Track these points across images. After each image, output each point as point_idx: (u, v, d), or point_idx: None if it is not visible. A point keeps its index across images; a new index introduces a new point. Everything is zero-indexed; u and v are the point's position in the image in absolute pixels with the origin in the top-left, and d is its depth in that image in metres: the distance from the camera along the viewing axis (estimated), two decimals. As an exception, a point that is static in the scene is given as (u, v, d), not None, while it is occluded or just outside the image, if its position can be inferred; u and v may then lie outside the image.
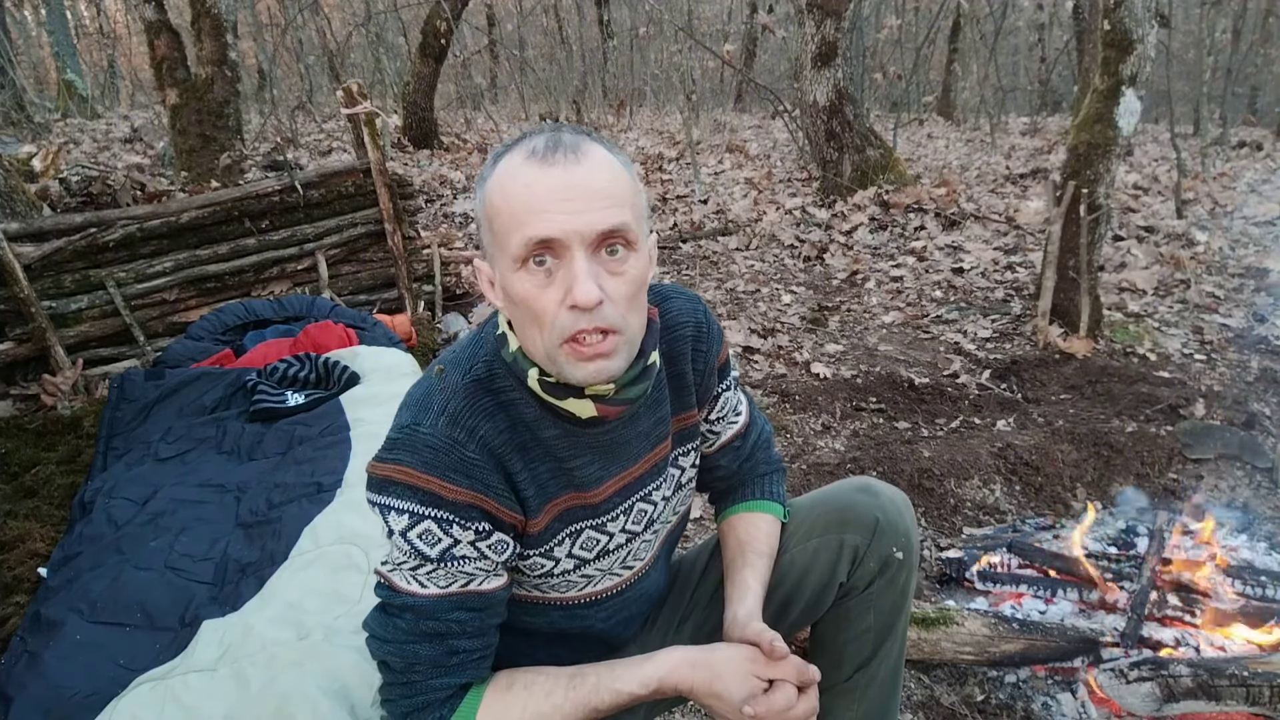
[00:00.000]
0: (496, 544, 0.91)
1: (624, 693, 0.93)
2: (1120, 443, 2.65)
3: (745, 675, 0.93)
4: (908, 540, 1.13)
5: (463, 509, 0.87)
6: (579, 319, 0.82)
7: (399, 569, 0.90)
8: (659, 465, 1.06)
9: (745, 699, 0.92)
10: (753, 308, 4.31)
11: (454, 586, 0.89)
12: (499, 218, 0.84)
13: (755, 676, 0.94)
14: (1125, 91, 3.36)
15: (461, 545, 0.88)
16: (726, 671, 0.94)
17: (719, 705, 0.94)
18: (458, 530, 0.87)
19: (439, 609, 0.89)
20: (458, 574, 0.89)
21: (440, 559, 0.88)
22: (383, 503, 0.88)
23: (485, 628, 0.93)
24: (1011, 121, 12.06)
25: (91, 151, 7.78)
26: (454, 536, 0.87)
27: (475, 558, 0.89)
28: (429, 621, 0.89)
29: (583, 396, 0.90)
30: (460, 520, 0.87)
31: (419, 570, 0.89)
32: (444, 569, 0.88)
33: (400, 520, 0.87)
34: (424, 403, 0.90)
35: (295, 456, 2.44)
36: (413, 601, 0.89)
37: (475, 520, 0.88)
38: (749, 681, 0.93)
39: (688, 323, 1.06)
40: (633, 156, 8.70)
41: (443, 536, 0.87)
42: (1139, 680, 1.54)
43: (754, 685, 0.93)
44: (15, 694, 1.60)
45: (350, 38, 11.32)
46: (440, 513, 0.86)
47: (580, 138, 0.85)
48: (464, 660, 0.91)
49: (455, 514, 0.87)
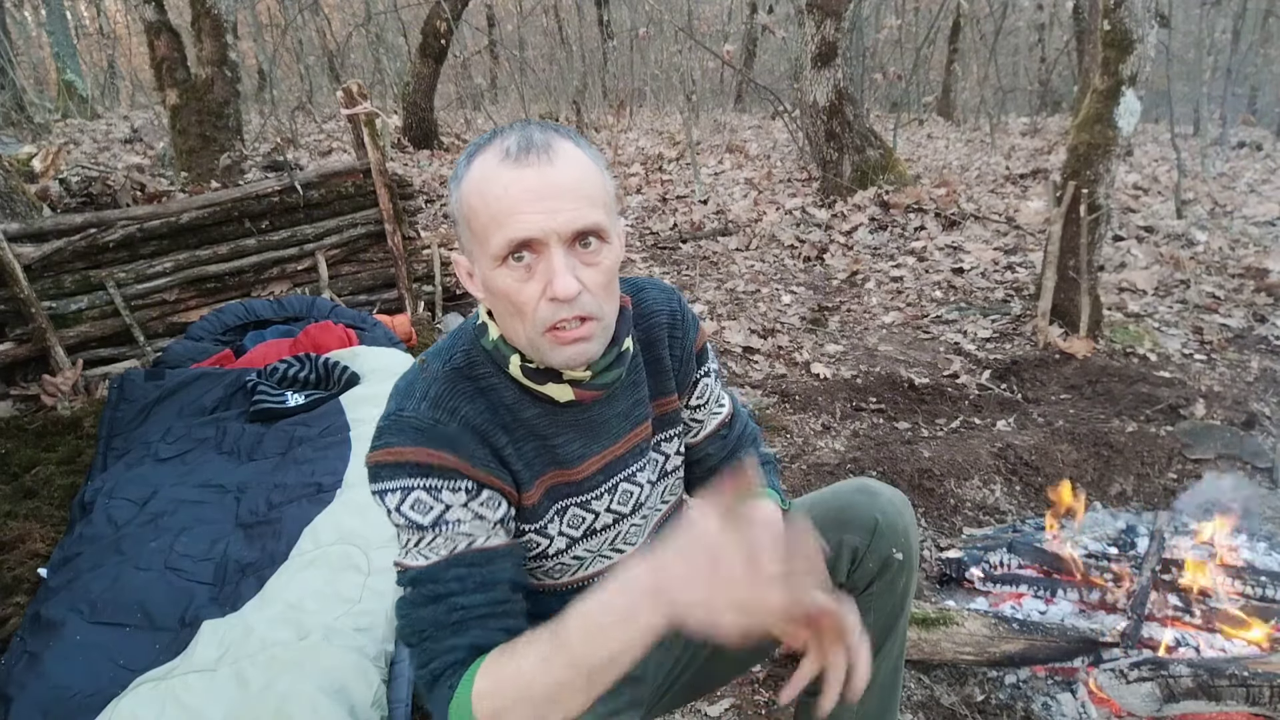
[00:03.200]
0: (488, 500, 0.93)
1: (601, 625, 0.78)
2: (1120, 443, 2.65)
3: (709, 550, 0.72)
4: (907, 541, 1.13)
5: (449, 473, 0.90)
6: (559, 309, 0.87)
7: (405, 550, 0.92)
8: (640, 447, 1.08)
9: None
10: (753, 308, 4.31)
11: (455, 550, 0.91)
12: (477, 219, 0.88)
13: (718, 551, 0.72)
14: (1125, 91, 3.36)
15: (454, 509, 0.90)
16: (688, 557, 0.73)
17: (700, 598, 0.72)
18: (447, 494, 0.90)
19: (438, 572, 0.90)
20: (455, 537, 0.90)
21: (434, 525, 0.90)
22: (379, 489, 0.91)
23: (486, 583, 0.91)
24: (1011, 122, 12.05)
25: (91, 152, 7.79)
26: (444, 501, 0.90)
27: (469, 519, 0.91)
28: (430, 585, 0.90)
29: (561, 381, 0.95)
30: (449, 484, 0.90)
31: (420, 544, 0.91)
32: (441, 535, 0.90)
33: (394, 498, 0.90)
34: (407, 391, 0.95)
35: (295, 457, 2.44)
36: (416, 573, 0.91)
37: (462, 480, 0.91)
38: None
39: (663, 310, 1.09)
40: (632, 156, 8.70)
41: (433, 503, 0.89)
42: (1139, 680, 1.54)
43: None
44: (15, 694, 1.60)
45: (350, 38, 11.32)
46: (428, 480, 0.89)
47: (550, 134, 0.89)
48: (465, 617, 0.89)
49: (443, 478, 0.90)
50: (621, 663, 0.78)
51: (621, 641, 0.77)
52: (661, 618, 0.74)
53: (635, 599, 0.76)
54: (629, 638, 0.76)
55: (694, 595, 0.72)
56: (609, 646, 0.77)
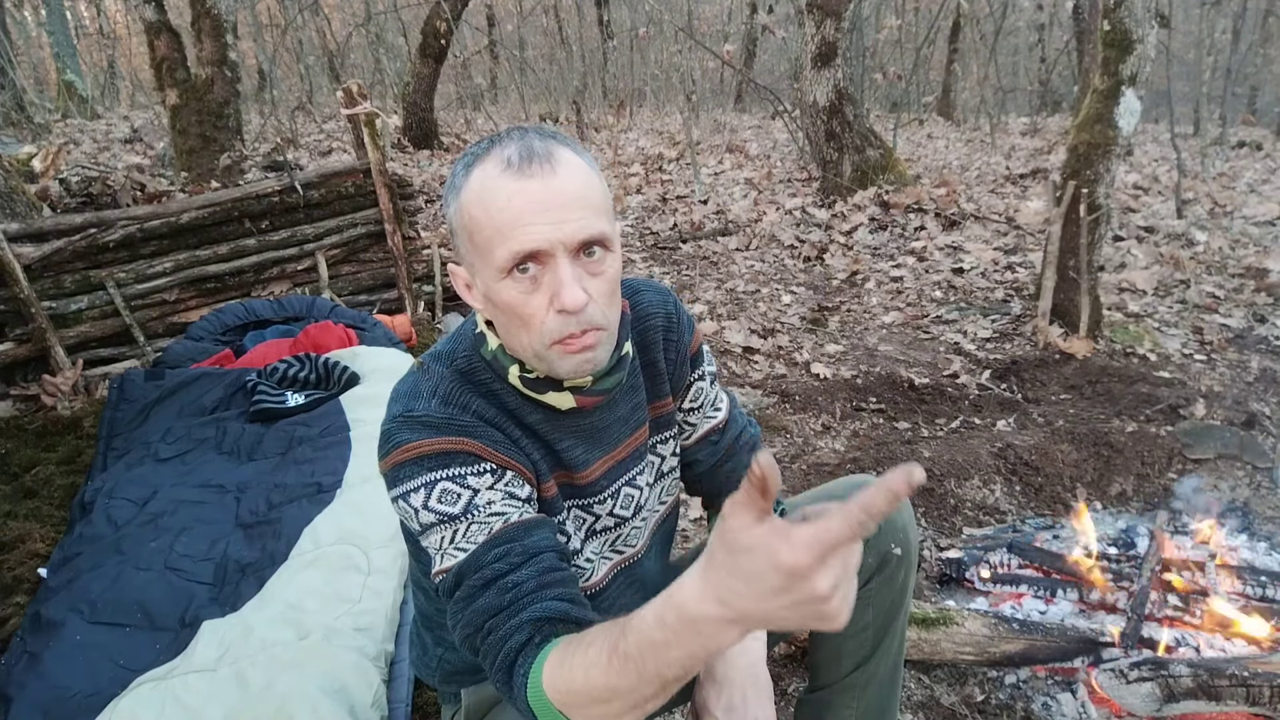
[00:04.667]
0: (513, 480, 0.91)
1: (654, 640, 0.71)
2: (1120, 443, 2.65)
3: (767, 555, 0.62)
4: (905, 537, 1.13)
5: (472, 458, 0.88)
6: (567, 322, 0.86)
7: (441, 553, 0.88)
8: (639, 450, 1.08)
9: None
10: (753, 308, 4.31)
11: (491, 531, 0.87)
12: (481, 231, 0.86)
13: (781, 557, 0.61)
14: (1125, 91, 3.36)
15: (482, 492, 0.88)
16: (744, 564, 0.63)
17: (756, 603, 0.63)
18: (473, 479, 0.88)
19: (480, 558, 0.86)
20: (489, 519, 0.87)
21: (466, 512, 0.87)
22: (402, 491, 0.88)
23: (531, 553, 0.87)
24: (1011, 122, 12.06)
25: (91, 152, 7.79)
26: (472, 487, 0.88)
27: (500, 499, 0.89)
28: (475, 574, 0.86)
29: (562, 389, 0.94)
30: (473, 469, 0.88)
31: (456, 537, 0.87)
32: (475, 521, 0.87)
33: (419, 496, 0.87)
34: (412, 392, 0.92)
35: (295, 457, 2.44)
36: (459, 567, 0.87)
37: (485, 463, 0.89)
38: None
39: (658, 313, 1.09)
40: (632, 156, 8.70)
41: (461, 490, 0.87)
42: (1139, 680, 1.54)
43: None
44: (15, 694, 1.60)
45: (350, 38, 11.32)
46: (451, 469, 0.87)
47: (549, 143, 0.87)
48: (519, 593, 0.84)
49: (466, 465, 0.88)
50: (696, 668, 0.71)
51: (697, 658, 0.69)
52: (743, 630, 0.66)
53: (707, 628, 0.65)
54: (706, 654, 0.69)
55: (782, 604, 0.61)
56: (685, 664, 0.70)
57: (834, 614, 0.61)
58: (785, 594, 0.60)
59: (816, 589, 0.59)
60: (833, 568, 0.59)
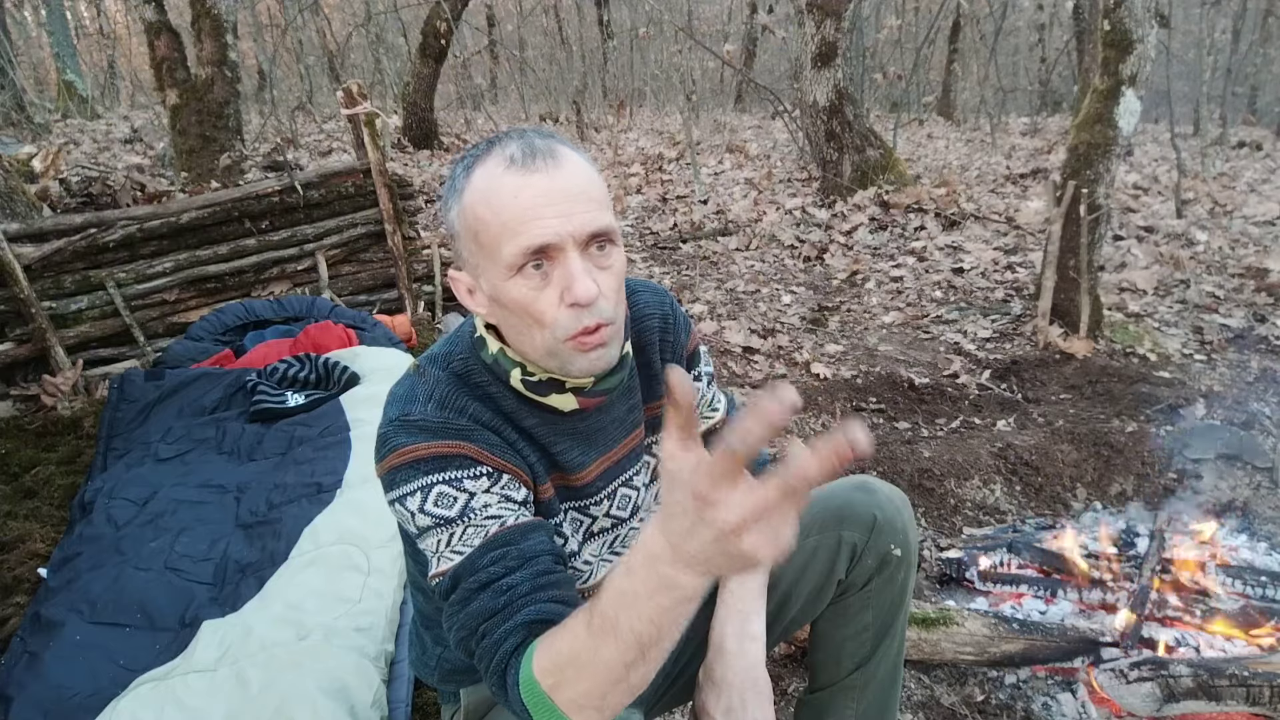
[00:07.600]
0: (509, 483, 0.91)
1: (624, 590, 0.72)
2: (1120, 443, 2.65)
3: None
4: (906, 537, 1.13)
5: (468, 462, 0.88)
6: (580, 316, 0.85)
7: (438, 556, 0.88)
8: (635, 451, 1.08)
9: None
10: (753, 308, 4.31)
11: (488, 535, 0.87)
12: (487, 230, 0.85)
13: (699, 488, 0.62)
14: (1125, 91, 3.36)
15: (478, 496, 0.88)
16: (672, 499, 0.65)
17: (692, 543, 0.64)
18: (469, 483, 0.88)
19: (476, 561, 0.86)
20: (485, 523, 0.87)
21: (462, 515, 0.87)
22: (398, 495, 0.88)
23: (526, 557, 0.87)
24: (1011, 121, 12.05)
25: (91, 152, 7.79)
26: (468, 490, 0.88)
27: (496, 502, 0.89)
28: (470, 577, 0.86)
29: (564, 391, 0.94)
30: (469, 473, 0.88)
31: (452, 540, 0.87)
32: (471, 525, 0.87)
33: (415, 499, 0.87)
34: (409, 396, 0.92)
35: (295, 457, 2.44)
36: (455, 570, 0.87)
37: (480, 466, 0.89)
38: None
39: (655, 314, 1.08)
40: (633, 156, 8.70)
41: (457, 494, 0.87)
42: (1139, 680, 1.54)
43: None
44: (15, 694, 1.60)
45: (350, 38, 11.32)
46: (447, 473, 0.87)
47: (550, 141, 0.87)
48: (513, 597, 0.84)
49: (462, 469, 0.88)
50: (672, 631, 0.72)
51: (665, 609, 0.70)
52: (695, 575, 0.66)
53: (663, 569, 0.67)
54: (672, 604, 0.69)
55: (705, 539, 0.62)
56: (656, 619, 0.70)
57: (750, 552, 0.61)
58: (703, 526, 0.61)
59: (724, 519, 0.59)
60: (737, 499, 0.59)
